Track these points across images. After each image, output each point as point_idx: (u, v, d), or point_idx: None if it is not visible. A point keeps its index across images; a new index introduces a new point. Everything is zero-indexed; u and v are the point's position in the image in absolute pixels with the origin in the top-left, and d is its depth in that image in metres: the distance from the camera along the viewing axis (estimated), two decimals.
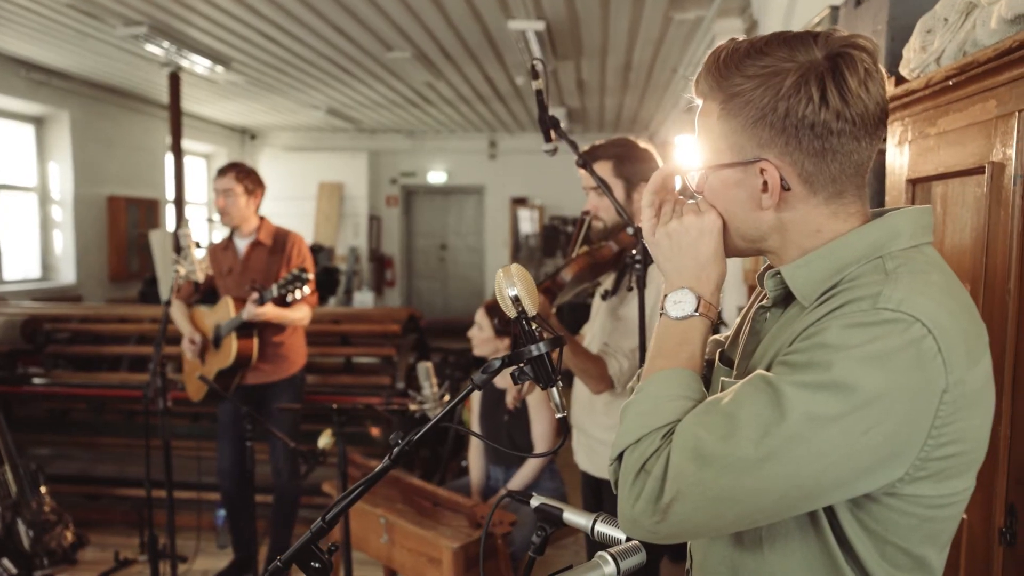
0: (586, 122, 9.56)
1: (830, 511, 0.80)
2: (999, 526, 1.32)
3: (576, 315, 4.50)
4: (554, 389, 0.98)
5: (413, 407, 2.52)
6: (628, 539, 1.00)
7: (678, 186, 0.98)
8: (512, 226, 10.79)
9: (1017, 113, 1.31)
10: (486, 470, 2.92)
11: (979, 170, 1.42)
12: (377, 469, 1.00)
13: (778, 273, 0.87)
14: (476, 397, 3.02)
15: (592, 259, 1.92)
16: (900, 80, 1.77)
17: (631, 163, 1.96)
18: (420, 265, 11.47)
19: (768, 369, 0.81)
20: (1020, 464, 1.29)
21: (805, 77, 0.79)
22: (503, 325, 1.88)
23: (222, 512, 3.47)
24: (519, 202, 10.80)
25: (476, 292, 11.09)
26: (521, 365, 0.97)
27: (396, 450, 1.01)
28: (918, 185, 1.68)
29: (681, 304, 0.88)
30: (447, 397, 2.57)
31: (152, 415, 2.83)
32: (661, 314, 0.90)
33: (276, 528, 3.17)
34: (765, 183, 0.83)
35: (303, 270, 2.77)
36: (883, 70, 0.84)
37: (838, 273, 0.82)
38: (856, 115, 0.80)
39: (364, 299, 8.97)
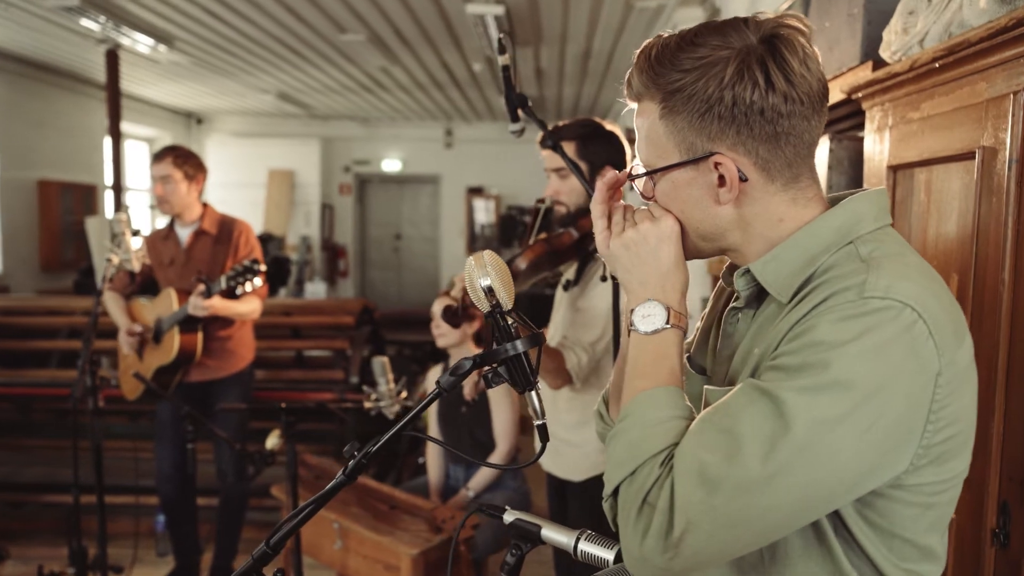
0: (544, 111, 9.45)
1: (834, 514, 0.77)
2: (991, 527, 1.27)
3: (535, 306, 4.42)
4: (533, 393, 0.87)
5: (368, 405, 2.39)
6: (616, 560, 0.89)
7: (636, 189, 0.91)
8: (468, 216, 10.65)
9: (1012, 95, 1.24)
10: (445, 469, 2.81)
11: (968, 155, 1.36)
12: (329, 486, 0.88)
13: (748, 271, 0.84)
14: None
15: (550, 246, 1.80)
16: (878, 64, 1.71)
17: (595, 145, 1.85)
18: (374, 255, 11.26)
19: (754, 375, 0.78)
20: (1013, 461, 1.24)
21: (746, 62, 0.76)
22: (450, 316, 1.76)
23: (162, 517, 3.27)
24: (475, 192, 10.66)
25: (431, 283, 10.93)
26: (495, 366, 0.86)
27: (351, 464, 0.88)
28: (899, 172, 1.62)
29: (651, 318, 0.83)
30: (404, 393, 2.44)
31: (81, 414, 2.62)
32: (630, 331, 0.85)
33: (222, 533, 3.00)
34: (721, 177, 0.80)
35: (255, 261, 2.59)
36: (815, 49, 0.81)
37: (809, 264, 0.80)
38: (803, 94, 0.78)
39: (316, 290, 8.72)
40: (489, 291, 0.85)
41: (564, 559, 2.07)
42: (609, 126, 1.90)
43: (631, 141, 2.00)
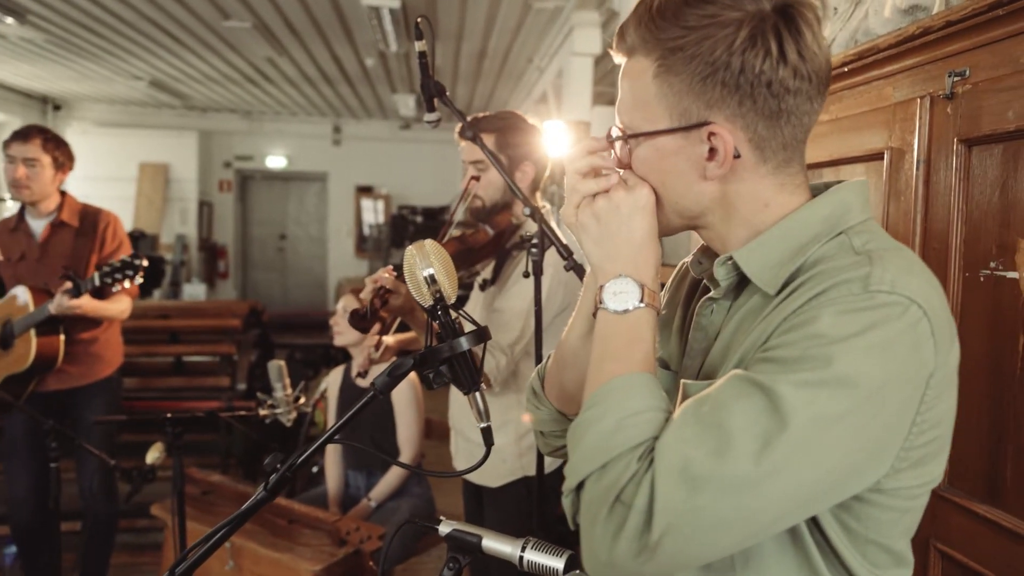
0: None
1: (811, 518, 0.73)
2: None
3: None
4: (477, 394, 0.80)
5: (263, 412, 2.22)
6: (566, 569, 0.83)
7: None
8: (356, 215, 10.37)
9: (919, 99, 1.30)
10: (344, 477, 2.67)
11: (876, 156, 1.41)
12: (248, 504, 0.77)
13: (730, 259, 0.78)
14: (333, 395, 2.75)
15: (464, 244, 1.72)
16: None
17: (515, 138, 1.78)
18: (257, 255, 10.74)
19: (739, 368, 0.72)
20: None
21: (760, 28, 0.70)
22: (358, 320, 1.64)
23: (13, 549, 2.90)
24: (364, 191, 10.40)
25: (319, 284, 10.56)
26: (438, 365, 0.78)
27: (274, 478, 0.77)
28: (809, 171, 1.67)
29: (623, 295, 0.75)
30: (302, 399, 2.29)
31: None
32: (599, 309, 0.77)
33: (88, 561, 2.69)
34: (712, 150, 0.74)
35: (136, 255, 2.35)
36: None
37: (798, 254, 0.74)
38: (812, 72, 0.73)
39: (195, 291, 8.17)
40: (432, 281, 0.77)
41: (479, 564, 2.00)
42: (531, 120, 1.84)
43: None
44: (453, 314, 0.78)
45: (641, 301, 0.75)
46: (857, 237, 0.74)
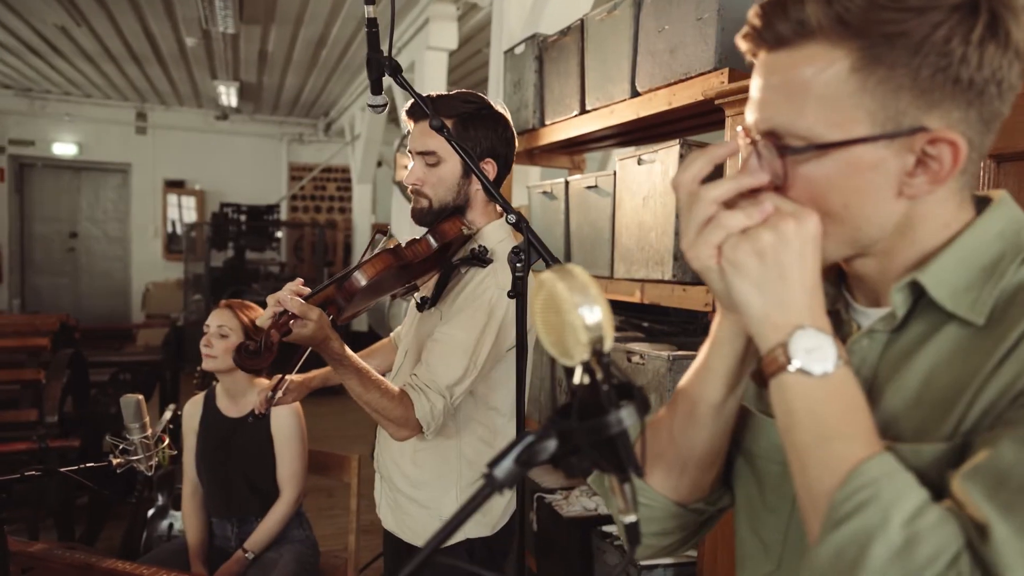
0: (259, 102, 8.61)
1: None
2: None
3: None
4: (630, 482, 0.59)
5: (117, 461, 1.78)
6: None
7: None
8: (165, 213, 9.31)
9: None
10: (207, 525, 2.25)
11: None
12: None
13: (912, 283, 0.65)
14: (191, 429, 2.31)
15: (399, 259, 1.39)
16: (734, 70, 1.69)
17: (478, 128, 1.46)
18: (40, 257, 9.29)
19: (975, 425, 0.59)
20: None
21: (997, 13, 0.59)
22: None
23: None
24: (174, 186, 9.36)
25: (119, 290, 9.34)
26: (586, 446, 0.56)
27: None
28: None
29: (818, 352, 0.60)
30: (166, 440, 1.87)
31: None
32: (784, 373, 0.61)
33: None
34: (919, 162, 0.62)
35: None
36: None
37: (990, 275, 0.63)
38: None
39: None
40: (594, 328, 0.54)
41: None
42: (499, 107, 1.50)
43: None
44: (614, 371, 0.55)
45: (839, 357, 0.60)
46: None
